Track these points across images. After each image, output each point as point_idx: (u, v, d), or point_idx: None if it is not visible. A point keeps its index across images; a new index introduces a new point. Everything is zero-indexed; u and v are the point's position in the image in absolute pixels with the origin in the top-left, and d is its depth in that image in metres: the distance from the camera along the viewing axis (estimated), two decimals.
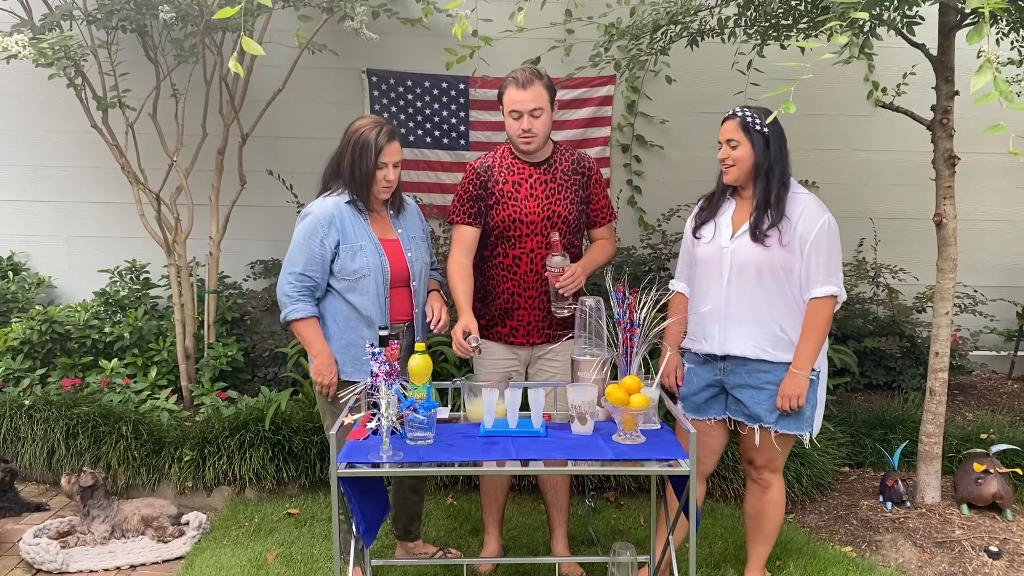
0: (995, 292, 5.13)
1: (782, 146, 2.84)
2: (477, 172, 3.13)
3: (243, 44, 2.12)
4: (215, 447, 3.90)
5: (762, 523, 3.01)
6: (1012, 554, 3.27)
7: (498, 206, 3.07)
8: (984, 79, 1.98)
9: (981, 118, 4.95)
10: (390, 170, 2.94)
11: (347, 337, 2.96)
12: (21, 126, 4.92)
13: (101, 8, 4.00)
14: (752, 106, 2.87)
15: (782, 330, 2.80)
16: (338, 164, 2.97)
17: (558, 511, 3.33)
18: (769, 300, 2.80)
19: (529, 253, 3.07)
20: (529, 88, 2.94)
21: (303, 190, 4.82)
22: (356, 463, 2.40)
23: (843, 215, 5.04)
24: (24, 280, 4.86)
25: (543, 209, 3.06)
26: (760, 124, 2.79)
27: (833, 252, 2.80)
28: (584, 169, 3.15)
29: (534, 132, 2.98)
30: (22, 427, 3.99)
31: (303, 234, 2.92)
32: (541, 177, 3.09)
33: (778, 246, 2.78)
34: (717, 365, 2.91)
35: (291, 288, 2.92)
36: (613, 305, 2.73)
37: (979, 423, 4.22)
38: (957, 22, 3.44)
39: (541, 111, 2.96)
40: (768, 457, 2.92)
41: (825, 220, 2.78)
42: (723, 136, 2.86)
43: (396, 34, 4.83)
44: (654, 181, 5.08)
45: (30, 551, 3.33)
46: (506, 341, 3.15)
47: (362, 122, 2.96)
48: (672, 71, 4.81)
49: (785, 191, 2.81)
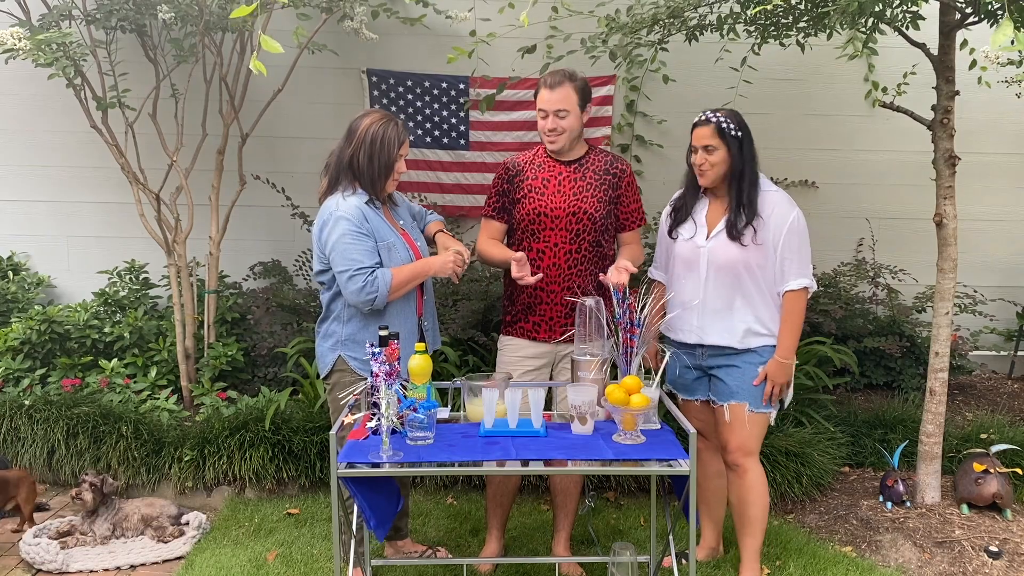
0: (995, 292, 5.13)
1: (751, 145, 2.94)
2: (507, 168, 3.23)
3: (262, 43, 2.14)
4: (215, 447, 3.90)
5: (745, 511, 3.03)
6: (1012, 554, 3.27)
7: (525, 200, 3.15)
8: (1004, 35, 1.94)
9: (981, 118, 5.02)
10: (403, 163, 2.99)
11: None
12: (21, 126, 4.92)
13: (100, 8, 4.00)
14: (722, 110, 2.94)
15: (757, 320, 2.95)
16: (349, 161, 2.93)
17: (564, 514, 3.34)
18: (744, 295, 2.93)
19: (553, 247, 3.12)
20: (557, 89, 3.02)
21: (303, 190, 4.83)
22: (356, 463, 2.39)
23: (843, 215, 5.15)
24: (24, 280, 4.86)
25: (569, 205, 3.11)
26: (734, 129, 2.89)
27: (803, 246, 2.93)
28: (616, 170, 3.19)
29: (558, 131, 3.06)
30: (22, 427, 3.98)
31: (350, 235, 2.83)
32: (571, 175, 3.15)
33: (753, 244, 2.90)
34: (696, 351, 3.03)
35: (361, 279, 2.81)
36: (614, 305, 2.74)
37: (979, 423, 4.22)
38: (958, 21, 3.43)
39: (566, 112, 3.03)
40: (739, 439, 2.98)
41: (794, 216, 2.91)
42: (698, 142, 2.93)
43: (396, 34, 4.83)
44: (654, 181, 5.07)
45: (30, 551, 3.33)
46: (530, 336, 3.18)
47: (372, 117, 2.94)
48: (671, 71, 4.81)
49: (756, 190, 2.92)
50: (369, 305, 2.85)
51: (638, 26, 3.61)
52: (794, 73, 4.96)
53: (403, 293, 2.92)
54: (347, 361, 2.95)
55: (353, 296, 2.84)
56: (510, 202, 3.19)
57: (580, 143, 3.17)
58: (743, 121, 2.94)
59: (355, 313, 2.93)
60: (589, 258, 3.12)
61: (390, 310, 2.94)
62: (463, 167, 4.97)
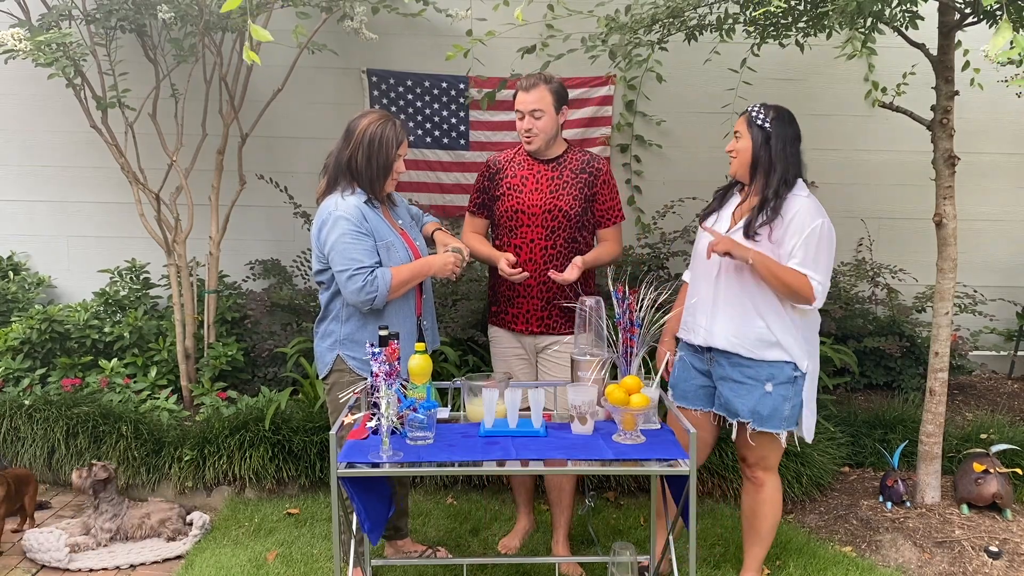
0: (995, 292, 5.13)
1: (788, 145, 2.84)
2: (489, 166, 3.38)
3: (251, 31, 2.12)
4: (215, 447, 3.90)
5: (756, 522, 3.01)
6: (1012, 554, 3.27)
7: (504, 197, 3.27)
8: (1003, 39, 1.95)
9: (981, 118, 5.02)
10: (402, 163, 2.99)
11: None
12: (21, 126, 4.92)
13: (100, 8, 4.00)
14: (769, 104, 2.90)
15: (767, 328, 2.80)
16: (347, 162, 2.93)
17: (560, 510, 3.36)
18: (755, 298, 2.81)
19: (529, 243, 3.22)
20: (532, 91, 3.14)
21: (303, 190, 4.82)
22: (356, 463, 2.40)
23: (843, 215, 5.14)
24: (24, 280, 4.86)
25: (545, 202, 3.22)
26: (763, 119, 2.84)
27: (822, 252, 2.75)
28: (593, 169, 3.28)
29: (534, 132, 3.18)
30: (22, 427, 3.98)
31: (350, 235, 2.83)
32: (549, 174, 3.26)
33: (767, 243, 2.77)
34: (705, 356, 2.95)
35: (361, 279, 2.81)
36: (614, 305, 2.74)
37: (979, 423, 4.22)
38: (957, 22, 3.43)
39: (542, 113, 3.15)
40: (759, 455, 2.92)
41: (819, 223, 2.75)
42: (735, 129, 2.94)
43: (396, 34, 4.83)
44: (654, 181, 5.07)
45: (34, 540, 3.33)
46: (510, 328, 3.31)
47: (371, 117, 2.94)
48: (671, 71, 4.81)
49: (786, 190, 2.81)
50: (368, 305, 2.85)
51: (637, 26, 3.61)
52: (794, 73, 4.96)
53: (403, 292, 2.92)
54: (346, 361, 2.95)
55: (353, 296, 2.84)
56: (490, 199, 3.32)
57: (558, 143, 3.28)
58: (788, 118, 2.86)
59: (353, 312, 2.94)
60: (565, 254, 3.22)
61: (389, 310, 2.94)
62: (463, 167, 4.97)
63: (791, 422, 2.86)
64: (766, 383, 2.81)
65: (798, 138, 2.88)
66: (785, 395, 2.82)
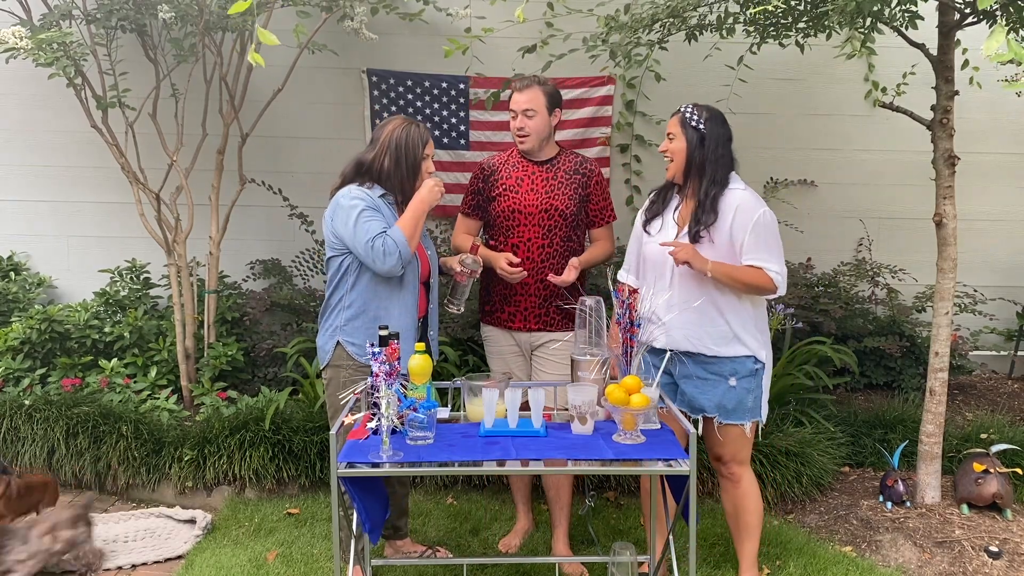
0: (995, 292, 5.13)
1: (721, 146, 2.87)
2: (483, 169, 3.42)
3: (258, 34, 2.17)
4: (215, 447, 3.90)
5: (741, 518, 3.03)
6: (1012, 554, 3.27)
7: (500, 198, 3.32)
8: (997, 42, 1.96)
9: (981, 118, 5.02)
10: (430, 163, 3.05)
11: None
12: (21, 126, 4.92)
13: (100, 8, 4.00)
14: (700, 104, 2.92)
15: (728, 325, 2.86)
16: (371, 165, 2.98)
17: (559, 509, 3.37)
18: (713, 298, 2.85)
19: (527, 242, 3.28)
20: (525, 91, 3.22)
21: (303, 190, 4.83)
22: (356, 463, 2.40)
23: (843, 215, 5.15)
24: (24, 280, 4.86)
25: (542, 202, 3.28)
26: (697, 120, 2.86)
27: (771, 240, 2.82)
28: (585, 171, 3.35)
29: (526, 131, 3.24)
30: (22, 427, 3.98)
31: (367, 212, 2.88)
32: (543, 175, 3.32)
33: (708, 243, 2.81)
34: (665, 356, 2.93)
35: (380, 242, 2.84)
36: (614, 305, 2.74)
37: (979, 423, 4.22)
38: (957, 22, 3.43)
39: (534, 113, 3.22)
40: (731, 451, 2.96)
41: (761, 213, 2.82)
42: (667, 130, 2.95)
43: (396, 34, 4.83)
44: (653, 181, 5.07)
45: None
46: (505, 326, 3.36)
47: (395, 123, 3.01)
48: (671, 71, 4.81)
49: (718, 190, 2.84)
50: (398, 265, 2.87)
51: (638, 25, 3.61)
52: (794, 73, 4.96)
53: (418, 238, 2.94)
54: (345, 347, 2.97)
55: (379, 262, 2.85)
56: (485, 200, 3.37)
57: (551, 144, 3.35)
58: (721, 119, 2.89)
59: (354, 301, 2.97)
60: (561, 252, 3.28)
61: (391, 308, 2.95)
62: (463, 167, 4.97)
63: (755, 413, 2.93)
64: (730, 378, 2.88)
65: (730, 139, 2.92)
66: (748, 387, 2.89)
